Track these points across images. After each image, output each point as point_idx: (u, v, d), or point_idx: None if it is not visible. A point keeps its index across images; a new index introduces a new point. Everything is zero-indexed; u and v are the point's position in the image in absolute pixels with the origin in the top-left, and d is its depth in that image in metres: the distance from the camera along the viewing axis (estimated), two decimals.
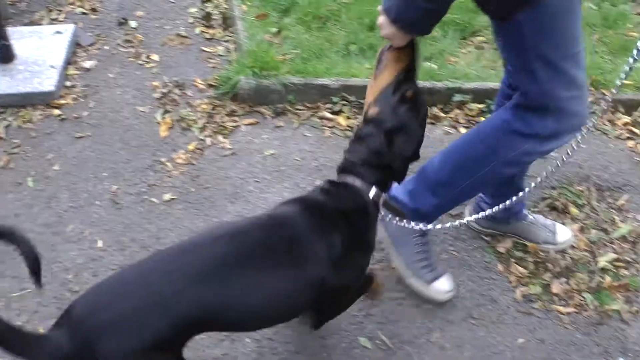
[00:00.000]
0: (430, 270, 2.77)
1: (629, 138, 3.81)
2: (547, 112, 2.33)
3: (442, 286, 2.77)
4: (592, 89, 3.97)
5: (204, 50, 4.25)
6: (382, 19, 2.15)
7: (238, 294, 1.85)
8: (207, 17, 4.55)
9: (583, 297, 2.88)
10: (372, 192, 2.12)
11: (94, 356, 1.66)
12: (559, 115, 2.34)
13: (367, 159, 2.13)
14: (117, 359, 1.67)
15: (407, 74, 2.17)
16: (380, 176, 2.15)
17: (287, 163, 3.42)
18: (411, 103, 2.15)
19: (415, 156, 2.24)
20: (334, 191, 2.14)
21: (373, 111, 2.16)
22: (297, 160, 3.44)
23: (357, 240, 2.10)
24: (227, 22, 4.51)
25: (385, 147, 2.11)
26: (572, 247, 3.08)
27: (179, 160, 3.37)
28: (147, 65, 4.07)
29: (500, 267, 2.97)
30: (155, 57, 4.14)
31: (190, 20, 4.54)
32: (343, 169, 2.19)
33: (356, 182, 2.13)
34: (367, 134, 2.14)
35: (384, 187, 2.18)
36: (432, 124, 3.73)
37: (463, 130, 3.69)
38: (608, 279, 2.95)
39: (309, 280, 1.98)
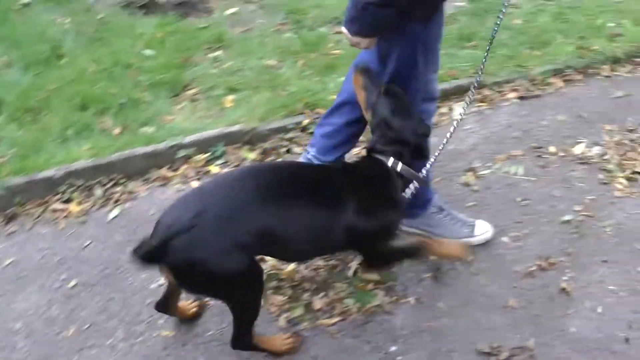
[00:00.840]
0: (464, 225, 3.33)
1: None
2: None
3: (482, 229, 3.35)
4: (307, 110, 4.20)
5: None
6: (350, 37, 2.71)
7: (284, 220, 2.49)
8: None
9: (345, 303, 3.04)
10: (399, 166, 2.72)
11: (184, 255, 2.34)
12: None
13: (393, 149, 2.74)
14: (206, 255, 2.35)
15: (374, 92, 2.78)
16: (403, 155, 2.75)
17: (29, 267, 3.32)
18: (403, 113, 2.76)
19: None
20: (368, 162, 2.77)
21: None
22: (38, 260, 3.35)
23: (381, 199, 2.72)
24: None
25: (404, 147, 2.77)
26: (323, 258, 3.24)
27: None
28: None
29: None
30: None
31: None
32: (374, 151, 2.76)
33: (388, 160, 2.72)
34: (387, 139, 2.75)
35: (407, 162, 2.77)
36: (163, 185, 3.79)
37: (195, 184, 3.77)
38: (363, 278, 3.15)
39: (338, 222, 2.57)
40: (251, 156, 3.94)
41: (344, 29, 2.71)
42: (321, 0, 5.70)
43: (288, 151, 3.99)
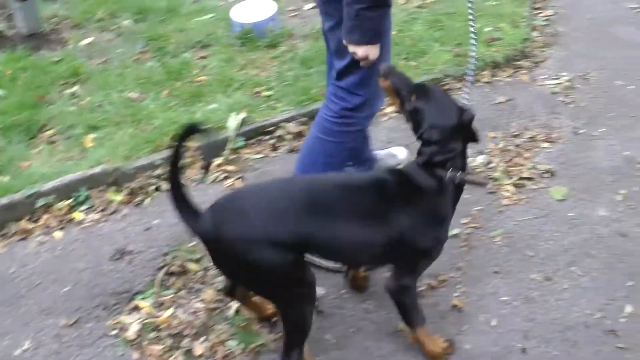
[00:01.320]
0: None
1: (226, 177, 4.17)
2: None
3: None
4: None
5: None
6: (357, 49, 2.94)
7: (333, 226, 2.65)
8: None
9: (227, 346, 3.10)
10: (457, 177, 2.78)
11: (223, 235, 2.56)
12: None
13: (450, 159, 2.77)
14: (239, 239, 2.55)
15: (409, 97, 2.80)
16: (460, 161, 2.82)
17: None
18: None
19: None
20: (424, 175, 2.78)
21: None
22: None
23: (433, 212, 2.82)
24: None
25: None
26: (201, 300, 3.31)
27: None
28: None
29: (135, 355, 3.09)
30: None
31: None
32: (431, 164, 2.77)
33: (446, 173, 2.75)
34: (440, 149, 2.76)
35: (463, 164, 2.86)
36: (23, 239, 3.76)
37: (59, 234, 3.77)
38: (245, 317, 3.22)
39: (388, 231, 2.73)
40: (118, 198, 3.97)
41: (350, 47, 2.96)
42: (183, 24, 5.82)
43: (157, 189, 4.04)
